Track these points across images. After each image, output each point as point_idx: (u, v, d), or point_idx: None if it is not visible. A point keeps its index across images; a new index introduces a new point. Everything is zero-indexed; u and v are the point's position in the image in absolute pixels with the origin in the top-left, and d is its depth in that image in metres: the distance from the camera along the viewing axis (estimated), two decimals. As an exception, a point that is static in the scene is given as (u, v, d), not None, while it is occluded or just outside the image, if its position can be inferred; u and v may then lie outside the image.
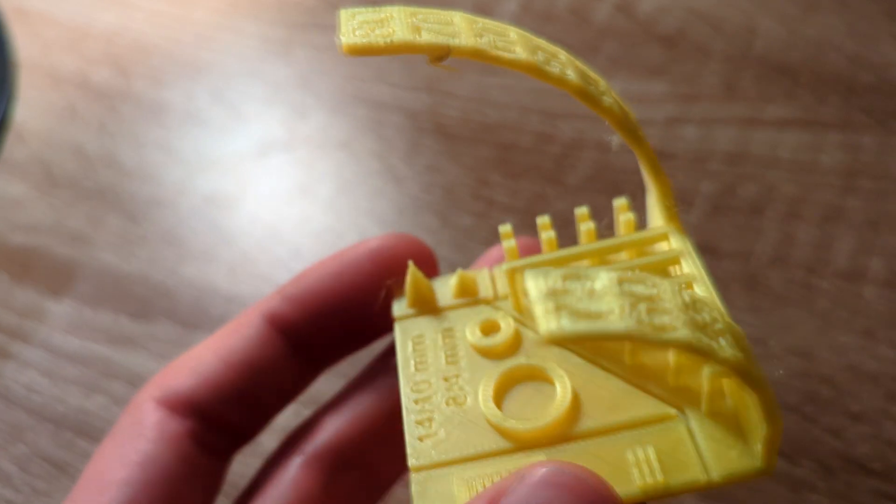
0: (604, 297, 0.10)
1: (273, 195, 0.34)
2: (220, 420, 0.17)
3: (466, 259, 0.30)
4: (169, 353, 0.29)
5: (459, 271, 0.16)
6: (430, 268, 0.17)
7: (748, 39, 0.36)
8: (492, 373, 0.14)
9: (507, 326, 0.15)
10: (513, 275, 0.15)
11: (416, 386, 0.14)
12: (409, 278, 0.16)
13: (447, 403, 0.14)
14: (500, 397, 0.14)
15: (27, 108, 0.39)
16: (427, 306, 0.16)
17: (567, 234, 0.30)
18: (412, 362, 0.15)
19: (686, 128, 0.33)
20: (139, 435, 0.16)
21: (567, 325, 0.10)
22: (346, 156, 0.35)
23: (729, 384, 0.13)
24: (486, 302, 0.16)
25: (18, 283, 0.32)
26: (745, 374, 0.11)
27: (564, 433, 0.13)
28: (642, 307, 0.11)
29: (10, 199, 0.35)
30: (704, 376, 0.13)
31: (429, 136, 0.35)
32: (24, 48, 0.42)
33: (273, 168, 0.35)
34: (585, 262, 0.16)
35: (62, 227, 0.34)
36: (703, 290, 0.15)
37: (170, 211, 0.34)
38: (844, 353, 0.26)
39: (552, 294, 0.10)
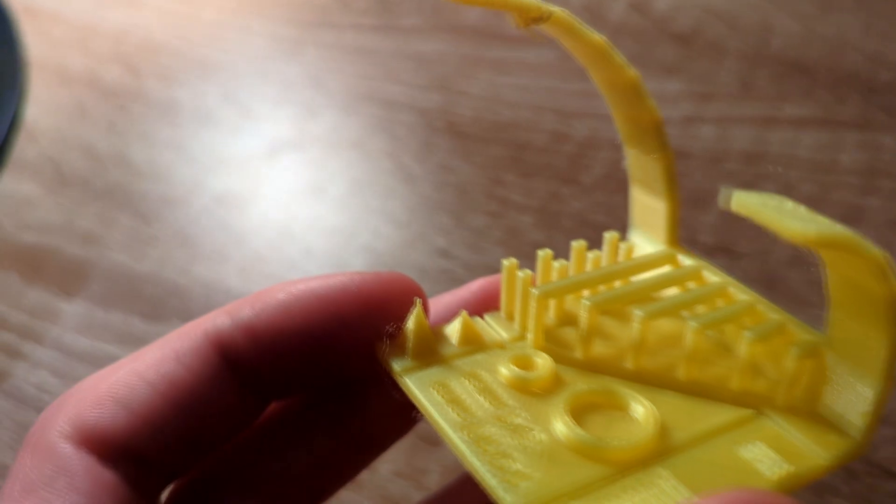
0: (798, 210, 0.11)
1: (284, 195, 0.34)
2: (157, 462, 0.14)
3: (481, 259, 0.30)
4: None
5: (463, 315, 0.15)
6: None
7: (764, 37, 0.36)
8: (555, 404, 0.13)
9: (543, 360, 0.14)
10: (543, 302, 0.15)
11: (473, 433, 0.13)
12: (412, 327, 0.14)
13: (521, 444, 0.13)
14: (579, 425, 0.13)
15: (37, 106, 0.39)
16: (431, 357, 0.14)
17: (583, 234, 0.30)
18: (450, 410, 0.13)
19: (702, 127, 0.33)
20: (69, 487, 0.13)
21: (815, 227, 0.10)
22: (358, 155, 0.35)
23: (810, 367, 0.13)
24: (498, 346, 0.15)
25: (29, 283, 0.32)
26: (887, 272, 0.11)
27: (663, 448, 0.13)
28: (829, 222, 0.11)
29: (20, 198, 0.35)
30: (792, 359, 0.13)
31: (441, 136, 0.34)
32: (33, 47, 0.42)
33: (284, 167, 0.35)
34: (613, 284, 0.16)
35: (73, 226, 0.34)
36: (746, 295, 0.15)
37: (181, 210, 0.34)
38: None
39: (767, 205, 0.10)
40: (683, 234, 0.29)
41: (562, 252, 0.16)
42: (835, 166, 0.31)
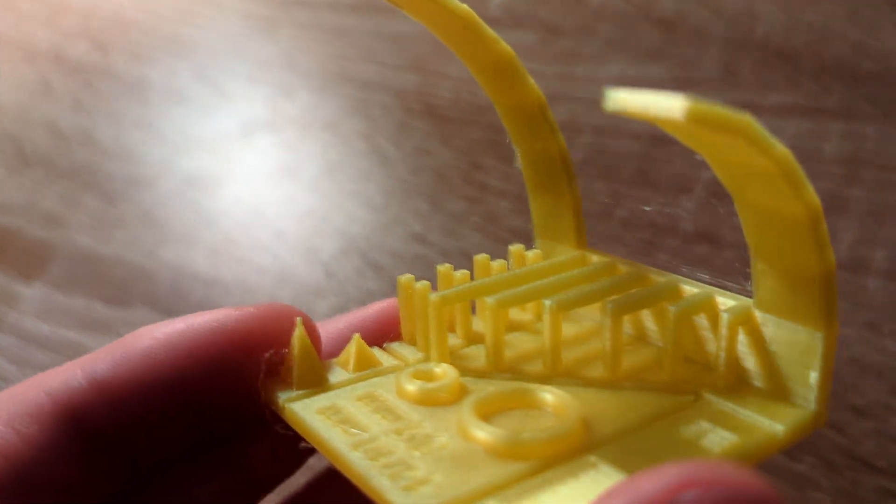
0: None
1: (256, 176, 0.33)
2: None
3: (458, 245, 0.29)
4: (145, 340, 0.28)
5: (356, 339, 0.14)
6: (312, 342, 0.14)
7: (748, 24, 0.35)
8: (461, 411, 0.12)
9: (445, 370, 0.13)
10: (441, 309, 0.13)
11: (364, 446, 0.11)
12: (296, 352, 0.13)
13: (424, 452, 0.11)
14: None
15: (-1, 82, 0.38)
16: (321, 386, 0.13)
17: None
18: (337, 431, 0.12)
19: (685, 113, 0.32)
20: None
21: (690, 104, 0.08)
22: (332, 136, 0.34)
23: (747, 337, 0.12)
24: (396, 369, 0.13)
25: (-13, 265, 0.30)
26: (797, 174, 0.10)
27: (590, 440, 0.11)
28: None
29: (-21, 176, 0.34)
30: (724, 328, 0.12)
31: (418, 118, 0.34)
32: (-4, 20, 0.41)
33: (257, 148, 0.34)
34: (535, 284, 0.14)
35: (34, 207, 0.32)
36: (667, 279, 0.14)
37: (149, 191, 0.32)
38: (847, 346, 0.25)
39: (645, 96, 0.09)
40: (664, 222, 0.29)
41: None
42: (818, 155, 0.30)
